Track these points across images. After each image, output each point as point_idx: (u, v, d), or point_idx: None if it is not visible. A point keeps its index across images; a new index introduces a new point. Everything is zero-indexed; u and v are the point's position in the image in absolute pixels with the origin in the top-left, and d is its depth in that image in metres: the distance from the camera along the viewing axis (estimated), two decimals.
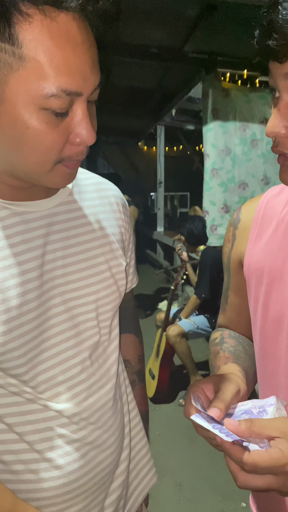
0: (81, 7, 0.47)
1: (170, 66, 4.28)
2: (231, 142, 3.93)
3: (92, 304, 0.70)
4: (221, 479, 2.27)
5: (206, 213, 4.03)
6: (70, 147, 0.55)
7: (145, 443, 0.89)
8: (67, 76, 0.48)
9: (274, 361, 0.70)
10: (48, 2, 0.45)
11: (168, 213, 8.52)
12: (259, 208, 0.76)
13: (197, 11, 3.21)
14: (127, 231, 0.82)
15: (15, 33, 0.45)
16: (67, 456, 0.65)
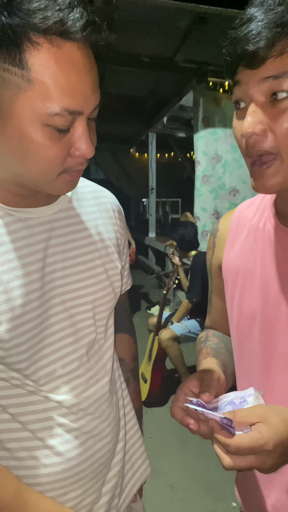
0: (85, 38, 0.52)
1: (161, 75, 4.37)
2: (221, 149, 4.01)
3: (89, 305, 0.75)
4: (213, 480, 2.31)
5: (197, 219, 4.10)
6: (71, 159, 0.60)
7: (139, 437, 0.93)
8: (70, 98, 0.54)
9: (249, 353, 0.76)
10: (55, 33, 0.51)
11: (160, 219, 8.59)
12: (234, 218, 0.83)
13: (188, 22, 3.30)
14: (122, 236, 0.87)
15: (24, 59, 0.51)
16: (67, 444, 0.70)
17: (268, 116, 0.56)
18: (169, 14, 3.16)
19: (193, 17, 3.20)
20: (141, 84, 4.73)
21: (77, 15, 0.51)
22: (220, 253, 0.85)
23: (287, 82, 0.53)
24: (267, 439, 0.54)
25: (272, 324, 0.70)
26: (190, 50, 3.79)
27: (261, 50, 0.52)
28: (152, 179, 7.30)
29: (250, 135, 0.56)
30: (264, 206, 0.78)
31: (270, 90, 0.55)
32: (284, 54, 0.52)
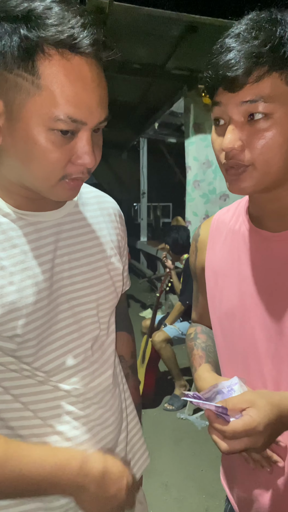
0: (93, 53, 0.58)
1: (153, 81, 4.43)
2: (212, 155, 4.06)
3: (93, 303, 0.80)
4: (206, 478, 2.35)
5: (189, 223, 4.16)
6: (72, 166, 0.64)
7: (139, 429, 0.98)
8: (74, 107, 0.59)
9: (231, 345, 0.83)
10: (66, 47, 0.56)
11: (151, 223, 8.64)
12: (213, 224, 0.92)
13: (179, 31, 3.37)
14: (122, 238, 0.93)
15: (36, 67, 0.56)
16: (75, 430, 0.74)
17: (246, 133, 0.63)
18: (161, 23, 3.23)
19: (184, 26, 3.27)
20: (132, 90, 4.79)
21: (88, 33, 0.57)
22: (202, 256, 0.93)
23: (262, 105, 0.60)
24: (258, 421, 0.60)
25: (250, 317, 0.78)
26: (181, 58, 3.87)
27: (240, 77, 0.59)
28: (144, 184, 7.37)
29: (230, 150, 0.64)
30: (239, 211, 0.86)
31: (248, 112, 0.62)
32: (259, 81, 0.60)
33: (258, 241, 0.78)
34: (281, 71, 0.60)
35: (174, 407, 3.12)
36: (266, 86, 0.60)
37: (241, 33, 0.61)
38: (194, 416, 3.02)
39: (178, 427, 2.91)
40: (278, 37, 0.59)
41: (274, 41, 0.59)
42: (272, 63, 0.59)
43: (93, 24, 0.57)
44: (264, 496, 0.82)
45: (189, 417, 3.01)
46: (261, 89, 0.60)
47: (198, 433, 2.83)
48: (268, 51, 0.59)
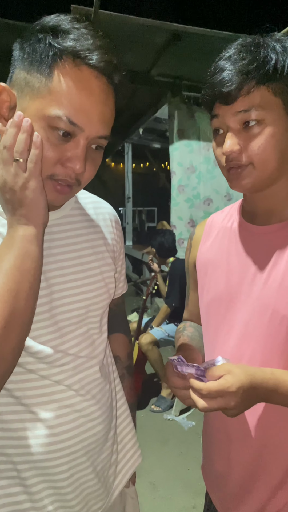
0: (104, 70, 0.66)
1: (138, 88, 4.50)
2: (196, 160, 4.18)
3: (83, 302, 0.84)
4: (192, 477, 2.40)
5: (174, 227, 4.23)
6: (60, 167, 0.68)
7: (131, 428, 1.02)
8: (75, 111, 0.65)
9: (215, 327, 0.91)
10: (79, 58, 0.64)
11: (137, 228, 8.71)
12: (208, 223, 1.02)
13: (163, 39, 3.44)
14: (118, 243, 0.97)
15: (52, 71, 0.64)
16: (58, 419, 0.78)
17: (242, 138, 0.74)
18: (145, 31, 3.29)
19: (168, 34, 3.35)
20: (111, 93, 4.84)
21: (101, 50, 0.65)
22: (195, 252, 1.02)
23: (255, 113, 0.72)
24: (231, 383, 0.67)
25: (235, 302, 0.86)
26: (165, 65, 3.95)
27: (233, 91, 0.71)
28: (128, 189, 7.43)
29: (230, 153, 0.74)
30: (232, 211, 0.96)
31: (243, 120, 0.73)
32: (250, 93, 0.71)
33: (247, 234, 0.87)
34: (267, 84, 0.71)
35: (161, 408, 3.16)
36: (256, 97, 0.71)
37: (231, 55, 0.72)
38: (181, 417, 3.06)
39: (165, 428, 2.95)
40: (262, 57, 0.71)
41: (259, 61, 0.70)
42: (259, 78, 0.70)
43: (107, 47, 0.66)
44: (234, 473, 0.89)
45: (175, 418, 3.06)
46: (252, 100, 0.71)
47: (184, 433, 2.88)
48: (254, 69, 0.70)
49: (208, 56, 3.17)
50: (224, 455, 0.91)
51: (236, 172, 0.76)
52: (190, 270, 1.06)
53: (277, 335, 0.78)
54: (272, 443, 0.83)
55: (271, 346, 0.79)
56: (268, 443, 0.83)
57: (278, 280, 0.79)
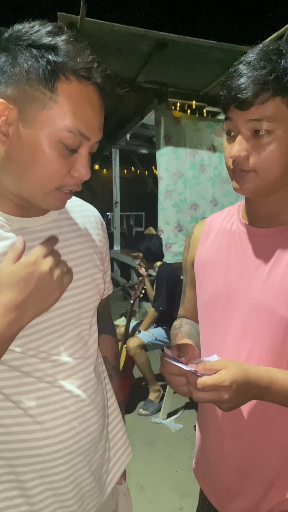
0: (101, 84, 0.70)
1: (124, 94, 4.53)
2: (182, 166, 4.23)
3: (76, 304, 0.86)
4: (180, 479, 2.42)
5: (161, 232, 4.27)
6: (69, 178, 0.73)
7: (122, 426, 1.04)
8: (83, 123, 0.69)
9: (212, 326, 0.93)
10: (83, 75, 0.67)
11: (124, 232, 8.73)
12: (207, 223, 1.03)
13: (149, 47, 3.49)
14: (104, 244, 0.99)
15: (56, 85, 0.66)
16: (55, 421, 0.79)
17: (251, 145, 0.76)
18: (131, 39, 3.34)
19: (154, 42, 3.40)
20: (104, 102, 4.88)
21: (101, 67, 0.69)
22: (193, 251, 1.04)
23: (266, 124, 0.73)
24: (225, 378, 0.69)
25: (232, 302, 0.88)
26: (151, 72, 3.99)
27: (248, 99, 0.72)
28: (116, 193, 7.45)
29: (237, 158, 0.76)
30: (232, 213, 0.98)
31: (254, 128, 0.74)
32: (264, 103, 0.72)
33: (247, 236, 0.89)
34: (283, 96, 0.72)
35: (149, 412, 3.18)
36: (270, 108, 0.72)
37: (251, 61, 0.73)
38: (168, 420, 3.08)
39: (153, 431, 2.97)
40: (281, 68, 0.71)
41: (279, 72, 0.71)
42: (275, 89, 0.71)
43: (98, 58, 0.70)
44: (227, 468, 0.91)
45: (163, 421, 3.08)
46: (265, 110, 0.72)
47: (172, 436, 2.90)
48: (273, 80, 0.71)
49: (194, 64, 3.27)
50: (217, 450, 0.93)
51: (240, 175, 0.79)
52: (187, 268, 1.08)
53: (275, 336, 0.80)
54: (264, 439, 0.85)
55: (268, 346, 0.81)
56: (260, 439, 0.85)
57: (277, 281, 0.81)
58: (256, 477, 0.87)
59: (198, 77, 4.08)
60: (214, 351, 0.85)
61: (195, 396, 0.72)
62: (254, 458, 0.86)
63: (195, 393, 0.72)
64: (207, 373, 0.72)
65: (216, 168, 4.37)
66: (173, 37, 3.32)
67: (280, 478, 0.85)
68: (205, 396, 0.71)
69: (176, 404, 3.23)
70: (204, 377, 0.70)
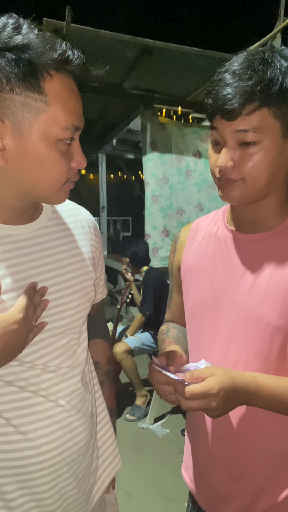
0: (80, 72, 0.70)
1: (110, 99, 4.56)
2: (168, 172, 4.26)
3: (64, 313, 0.84)
4: (166, 484, 2.42)
5: (148, 237, 4.28)
6: (71, 171, 0.74)
7: (111, 434, 1.02)
8: (75, 116, 0.69)
9: (199, 331, 0.92)
10: (62, 67, 0.67)
11: (112, 237, 8.72)
12: (193, 228, 1.03)
13: (134, 53, 3.51)
14: (97, 249, 0.97)
15: (43, 86, 0.65)
16: (39, 431, 0.78)
17: (237, 155, 0.75)
18: (117, 46, 3.36)
19: (139, 49, 3.42)
20: (90, 107, 4.89)
21: (76, 55, 0.68)
22: (179, 255, 1.03)
23: (252, 134, 0.73)
24: (213, 385, 0.69)
25: (219, 307, 0.88)
26: (137, 78, 4.02)
27: (235, 109, 0.71)
28: (103, 198, 7.45)
29: (223, 168, 0.76)
30: (217, 218, 0.98)
31: (240, 139, 0.74)
32: (251, 114, 0.71)
33: (232, 241, 0.89)
34: (269, 106, 0.71)
35: (136, 417, 3.17)
36: (256, 119, 0.72)
37: (237, 71, 0.72)
38: (155, 425, 3.08)
39: (140, 436, 2.96)
40: (268, 78, 0.71)
41: (265, 82, 0.70)
42: (262, 100, 0.71)
43: (74, 48, 0.69)
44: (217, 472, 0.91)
45: (150, 426, 3.07)
46: (252, 121, 0.72)
47: (159, 441, 2.89)
48: (260, 91, 0.70)
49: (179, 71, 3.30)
50: (206, 455, 0.93)
51: (226, 184, 0.78)
52: (174, 273, 1.07)
53: (261, 341, 0.80)
54: (253, 445, 0.85)
55: (255, 351, 0.81)
56: (249, 444, 0.85)
57: (262, 287, 0.81)
58: (246, 482, 0.87)
59: (184, 83, 4.11)
60: (202, 356, 0.85)
61: (183, 405, 0.72)
62: (243, 463, 0.86)
63: (183, 401, 0.72)
64: (194, 382, 0.71)
65: (201, 173, 4.40)
66: (158, 44, 3.35)
67: (270, 482, 0.85)
68: (194, 405, 0.71)
69: (163, 409, 3.23)
70: (191, 386, 0.70)
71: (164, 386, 0.76)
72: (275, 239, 0.83)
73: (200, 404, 0.71)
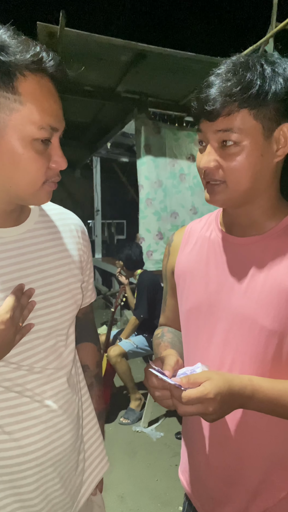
0: (56, 73, 0.70)
1: (104, 103, 4.58)
2: (162, 175, 4.28)
3: (50, 315, 0.84)
4: (160, 488, 2.41)
5: (142, 240, 4.28)
6: (50, 171, 0.74)
7: (98, 436, 1.02)
8: (51, 116, 0.70)
9: (195, 336, 0.93)
10: (37, 68, 0.68)
11: (106, 240, 8.71)
12: (186, 231, 1.03)
13: (128, 57, 3.53)
14: (85, 253, 0.97)
15: (16, 86, 0.66)
16: (24, 431, 0.78)
17: (220, 156, 0.77)
18: (111, 50, 3.37)
19: (133, 53, 3.44)
20: (84, 111, 4.91)
21: (52, 56, 0.69)
22: (173, 259, 1.04)
23: (233, 135, 0.74)
24: (209, 390, 0.69)
25: (214, 311, 0.88)
26: (131, 82, 4.04)
27: (215, 110, 0.73)
28: (97, 201, 7.46)
29: (206, 169, 0.78)
30: (210, 221, 0.99)
31: (221, 139, 0.76)
32: (231, 114, 0.73)
33: (226, 245, 0.90)
34: (250, 108, 0.73)
35: (130, 420, 3.17)
36: (236, 119, 0.73)
37: (220, 73, 0.75)
38: (149, 428, 3.08)
39: (134, 440, 2.95)
40: (247, 80, 0.72)
41: (243, 84, 0.72)
42: (241, 101, 0.72)
43: (50, 50, 0.70)
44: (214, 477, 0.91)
45: (144, 429, 3.07)
46: (232, 121, 0.73)
47: (153, 445, 2.89)
48: (238, 92, 0.72)
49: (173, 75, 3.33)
50: (202, 459, 0.93)
51: (211, 187, 0.80)
52: (168, 277, 1.07)
53: (257, 345, 0.80)
54: (249, 448, 0.85)
55: (251, 355, 0.81)
56: (244, 448, 0.85)
57: (257, 291, 0.81)
58: (242, 484, 0.87)
59: (177, 87, 4.14)
60: (198, 360, 0.85)
61: (180, 410, 0.72)
62: (239, 466, 0.87)
63: (180, 406, 0.72)
64: (191, 387, 0.71)
65: (195, 177, 4.42)
66: (152, 48, 3.37)
67: (266, 485, 0.85)
68: (190, 409, 0.71)
69: (157, 412, 3.23)
70: (188, 390, 0.70)
71: (160, 391, 0.76)
72: (268, 242, 0.83)
73: (197, 409, 0.71)
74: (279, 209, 0.85)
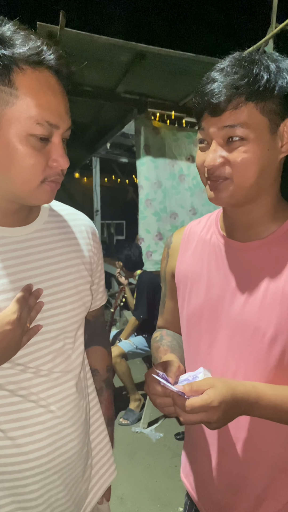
0: (57, 66, 0.69)
1: (104, 104, 4.58)
2: (161, 176, 4.27)
3: (57, 317, 0.83)
4: (160, 488, 2.41)
5: (142, 240, 4.28)
6: (49, 169, 0.72)
7: (106, 443, 1.00)
8: (49, 112, 0.68)
9: (196, 341, 0.91)
10: (36, 61, 0.66)
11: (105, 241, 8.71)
12: (185, 233, 1.01)
13: (128, 58, 3.53)
14: (95, 254, 0.96)
15: (12, 79, 0.65)
16: (28, 437, 0.77)
17: (224, 152, 0.75)
18: (111, 50, 3.37)
19: (132, 53, 3.43)
20: (84, 111, 4.90)
21: (52, 50, 0.68)
22: (173, 262, 1.02)
23: (240, 130, 0.72)
24: (213, 398, 0.68)
25: (216, 317, 0.87)
26: (130, 82, 4.02)
27: (221, 103, 0.71)
28: (97, 202, 7.45)
29: (212, 166, 0.75)
30: (210, 223, 0.97)
31: (227, 135, 0.74)
32: (238, 108, 0.71)
33: (227, 249, 0.88)
34: (256, 102, 0.71)
35: (129, 421, 3.16)
36: (243, 113, 0.71)
37: (224, 68, 0.73)
38: (149, 429, 3.07)
39: (133, 440, 2.95)
40: (253, 74, 0.71)
41: (250, 77, 0.71)
42: (248, 94, 0.71)
43: (51, 44, 0.68)
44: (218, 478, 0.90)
45: (143, 430, 3.06)
46: (239, 115, 0.71)
47: (152, 445, 2.88)
48: (245, 84, 0.70)
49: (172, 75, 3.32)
50: (206, 466, 0.92)
51: (214, 185, 0.77)
52: (167, 279, 1.05)
53: (260, 351, 0.79)
54: (252, 454, 0.84)
55: (254, 361, 0.80)
56: (248, 454, 0.84)
57: (259, 298, 0.80)
58: (246, 491, 0.86)
59: (177, 88, 4.13)
60: (200, 365, 0.84)
61: (183, 418, 0.71)
62: (243, 472, 0.86)
63: (183, 415, 0.70)
64: (194, 395, 0.70)
65: (194, 178, 4.42)
66: (152, 49, 3.36)
67: (270, 491, 0.85)
68: (194, 418, 0.70)
69: (156, 413, 3.22)
70: (192, 399, 0.69)
71: (161, 398, 0.75)
72: (269, 248, 0.82)
73: (200, 418, 0.70)
74: (279, 210, 0.83)
